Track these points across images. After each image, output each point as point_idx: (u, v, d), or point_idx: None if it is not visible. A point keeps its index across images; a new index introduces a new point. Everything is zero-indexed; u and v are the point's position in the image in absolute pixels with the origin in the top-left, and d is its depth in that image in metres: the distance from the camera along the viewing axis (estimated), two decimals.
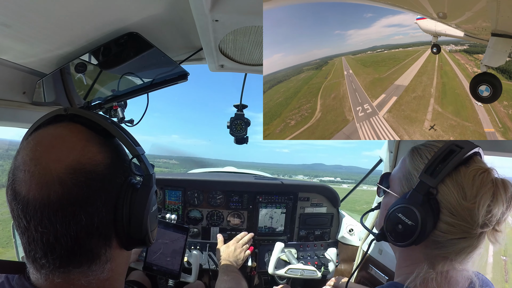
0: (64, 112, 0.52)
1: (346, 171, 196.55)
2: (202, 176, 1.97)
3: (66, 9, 0.67)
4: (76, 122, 0.51)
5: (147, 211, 0.52)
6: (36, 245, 0.44)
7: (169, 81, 1.11)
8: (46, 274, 0.46)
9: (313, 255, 1.78)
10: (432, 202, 0.61)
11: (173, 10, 0.79)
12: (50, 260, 0.45)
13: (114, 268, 0.52)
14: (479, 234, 0.59)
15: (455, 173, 0.61)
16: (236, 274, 1.38)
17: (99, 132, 0.52)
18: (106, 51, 0.92)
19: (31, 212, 0.43)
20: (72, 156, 0.45)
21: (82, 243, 0.46)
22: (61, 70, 0.99)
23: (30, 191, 0.43)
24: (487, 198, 0.57)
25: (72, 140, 0.48)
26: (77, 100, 1.20)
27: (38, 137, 0.48)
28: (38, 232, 0.43)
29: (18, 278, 0.49)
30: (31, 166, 0.44)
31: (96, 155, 0.48)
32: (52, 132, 0.49)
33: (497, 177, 0.60)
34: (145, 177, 0.54)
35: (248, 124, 1.38)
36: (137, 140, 0.57)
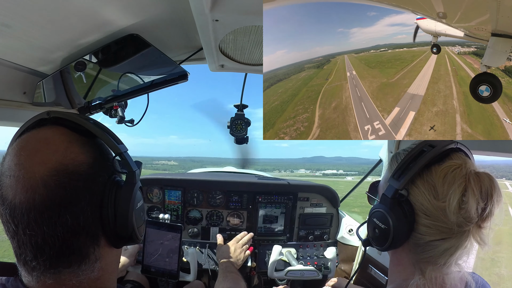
0: (47, 115, 0.52)
1: (347, 162, 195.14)
2: (201, 176, 1.97)
3: (67, 10, 0.67)
4: (59, 125, 0.52)
5: (131, 207, 0.53)
6: (26, 248, 0.45)
7: (169, 81, 1.11)
8: (38, 276, 0.46)
9: (313, 255, 1.77)
10: (405, 205, 0.61)
11: (173, 10, 0.80)
12: (40, 262, 0.45)
13: (104, 267, 0.53)
14: (461, 233, 0.57)
15: (427, 173, 0.60)
16: (235, 274, 1.38)
17: (82, 133, 0.52)
18: (106, 52, 0.92)
19: (19, 216, 0.44)
20: (55, 158, 0.46)
21: (70, 243, 0.46)
22: (61, 70, 0.99)
23: (16, 196, 0.44)
24: (456, 194, 0.55)
25: (54, 143, 0.48)
26: (78, 100, 1.20)
27: (22, 142, 0.48)
28: (26, 235, 0.44)
29: (13, 280, 0.50)
30: (15, 171, 0.45)
31: (79, 156, 0.49)
32: (36, 136, 0.50)
33: (472, 171, 0.57)
34: (128, 174, 0.55)
35: (249, 124, 1.38)
36: (119, 139, 0.58)
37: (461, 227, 0.56)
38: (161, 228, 1.42)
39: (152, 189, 1.77)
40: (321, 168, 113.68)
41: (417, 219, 0.60)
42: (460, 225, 0.55)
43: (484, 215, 0.56)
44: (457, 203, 0.55)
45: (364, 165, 18.34)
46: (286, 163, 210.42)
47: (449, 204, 0.55)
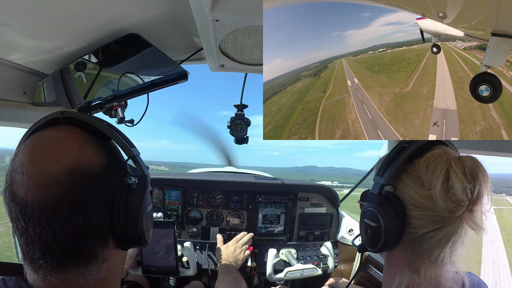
0: (61, 115, 0.53)
1: (340, 173, 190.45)
2: (201, 176, 1.97)
3: (67, 9, 0.67)
4: (73, 125, 0.52)
5: (142, 211, 0.53)
6: (35, 246, 0.45)
7: (169, 81, 1.11)
8: (44, 274, 0.46)
9: (313, 255, 1.77)
10: (393, 200, 0.61)
11: (173, 10, 0.79)
12: (48, 260, 0.45)
13: (111, 269, 0.53)
14: (454, 219, 0.56)
15: (410, 166, 0.61)
16: (235, 274, 1.38)
17: (95, 134, 0.53)
18: (106, 52, 0.92)
19: (30, 213, 0.44)
20: (69, 158, 0.46)
21: (80, 243, 0.46)
22: (61, 70, 0.99)
23: (28, 193, 0.44)
24: (440, 178, 0.56)
25: (69, 142, 0.49)
26: (78, 100, 1.20)
27: (36, 140, 0.48)
28: (36, 233, 0.44)
29: (15, 280, 0.50)
30: (29, 168, 0.45)
31: (93, 157, 0.49)
32: (50, 134, 0.50)
33: (454, 156, 0.58)
34: (140, 177, 0.56)
35: (249, 124, 1.38)
36: (132, 142, 0.58)
37: (453, 213, 0.56)
38: (155, 226, 1.42)
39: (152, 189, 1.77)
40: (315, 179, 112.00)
41: (408, 212, 0.60)
42: (451, 211, 0.55)
43: (474, 197, 0.55)
44: (442, 187, 0.55)
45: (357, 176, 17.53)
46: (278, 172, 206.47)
47: (434, 190, 0.56)
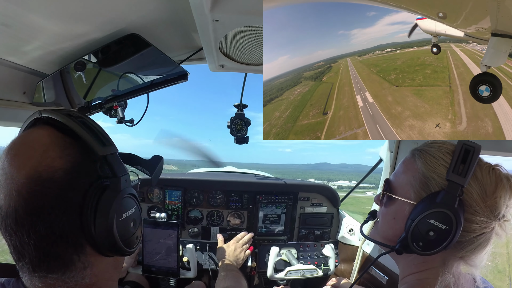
0: (39, 115, 0.50)
1: (353, 170, 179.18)
2: (202, 176, 1.97)
3: (67, 10, 0.67)
4: (50, 125, 0.49)
5: (111, 218, 0.48)
6: (10, 249, 0.46)
7: (169, 81, 1.11)
8: (29, 277, 0.47)
9: (313, 255, 1.78)
10: (460, 203, 0.59)
11: (173, 10, 0.80)
12: (24, 264, 0.45)
13: (98, 274, 0.51)
14: (493, 227, 0.60)
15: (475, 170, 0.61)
16: (236, 272, 1.38)
17: (68, 132, 0.49)
18: (106, 52, 0.92)
19: (1, 220, 0.44)
20: (30, 164, 0.44)
21: (47, 251, 0.45)
22: (61, 70, 0.99)
23: (0, 201, 0.44)
24: (505, 191, 0.58)
25: (33, 147, 0.46)
26: (78, 100, 1.20)
27: (10, 145, 0.47)
28: (7, 239, 0.45)
29: (15, 281, 0.50)
30: (2, 175, 0.45)
31: (55, 161, 0.45)
32: (23, 138, 0.48)
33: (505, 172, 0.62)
34: (112, 180, 0.50)
35: (249, 123, 1.38)
36: (109, 139, 0.53)
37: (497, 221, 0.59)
38: (158, 227, 1.42)
39: (152, 189, 1.77)
40: (331, 178, 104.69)
41: (468, 216, 0.60)
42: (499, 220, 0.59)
43: None
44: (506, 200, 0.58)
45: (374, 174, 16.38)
46: (290, 170, 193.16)
47: (499, 201, 0.58)
